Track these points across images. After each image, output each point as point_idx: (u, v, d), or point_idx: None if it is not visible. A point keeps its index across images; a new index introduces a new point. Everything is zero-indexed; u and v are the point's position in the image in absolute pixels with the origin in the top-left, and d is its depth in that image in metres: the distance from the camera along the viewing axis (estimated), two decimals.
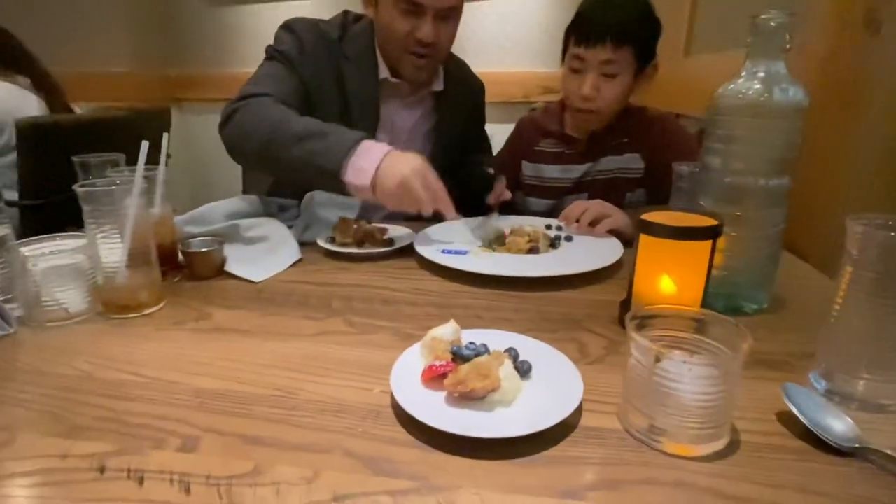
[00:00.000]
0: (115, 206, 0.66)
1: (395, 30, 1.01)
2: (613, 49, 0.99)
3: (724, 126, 0.65)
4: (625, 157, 1.12)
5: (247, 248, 0.86)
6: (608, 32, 0.98)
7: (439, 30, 1.02)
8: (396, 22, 1.01)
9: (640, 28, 1.01)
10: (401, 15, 1.00)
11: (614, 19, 0.99)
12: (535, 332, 0.59)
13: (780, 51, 0.62)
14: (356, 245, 0.89)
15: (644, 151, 1.11)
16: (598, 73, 1.02)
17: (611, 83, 1.03)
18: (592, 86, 1.02)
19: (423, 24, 1.00)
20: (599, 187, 1.14)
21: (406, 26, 1.00)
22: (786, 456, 0.43)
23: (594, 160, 1.14)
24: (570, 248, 0.88)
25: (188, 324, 0.65)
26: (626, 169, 1.12)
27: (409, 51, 1.03)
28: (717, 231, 0.58)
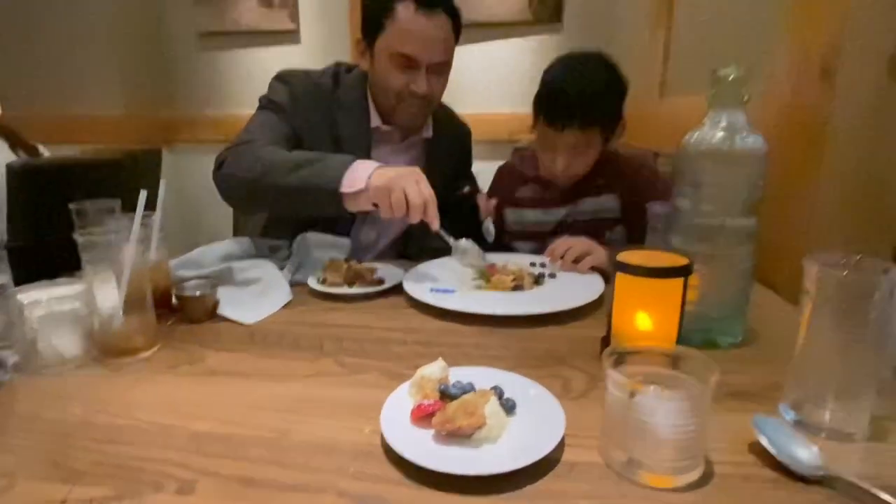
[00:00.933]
0: (113, 253, 0.69)
1: (390, 83, 1.07)
2: (580, 133, 1.04)
3: (691, 171, 0.70)
4: (602, 199, 1.16)
5: (239, 291, 0.88)
6: (575, 118, 1.02)
7: (432, 82, 1.08)
8: (392, 75, 1.06)
9: (606, 107, 1.05)
10: (396, 69, 1.05)
11: (580, 105, 1.02)
12: (520, 369, 0.61)
13: (738, 102, 0.67)
14: (347, 285, 0.91)
15: (620, 192, 1.15)
16: (568, 149, 1.07)
17: (581, 157, 1.09)
18: (562, 163, 1.08)
19: (417, 77, 1.05)
20: (580, 228, 1.16)
21: (401, 79, 1.06)
22: (757, 485, 0.45)
23: (573, 202, 1.18)
24: (553, 285, 0.92)
25: (183, 367, 0.67)
26: (604, 209, 1.17)
27: (403, 101, 1.09)
28: (688, 269, 0.62)
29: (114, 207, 0.93)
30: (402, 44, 1.03)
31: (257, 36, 3.06)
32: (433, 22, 1.03)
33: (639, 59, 2.10)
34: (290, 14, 2.93)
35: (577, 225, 1.18)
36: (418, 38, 1.03)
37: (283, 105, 1.09)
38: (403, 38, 1.03)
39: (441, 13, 1.04)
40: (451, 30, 1.07)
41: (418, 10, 1.02)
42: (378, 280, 0.93)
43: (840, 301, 0.50)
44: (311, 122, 1.10)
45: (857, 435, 0.52)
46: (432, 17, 1.02)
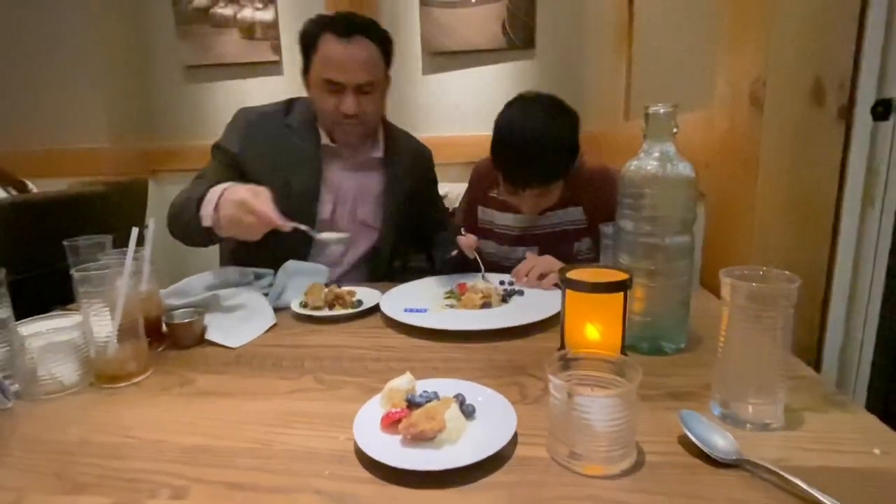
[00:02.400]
0: (107, 286, 0.74)
1: (323, 106, 1.19)
2: (540, 189, 1.13)
3: (631, 196, 0.78)
4: (568, 211, 1.23)
5: (225, 317, 0.94)
6: (529, 181, 1.10)
7: (360, 102, 1.17)
8: (323, 99, 1.18)
9: (564, 163, 1.10)
10: (326, 93, 1.17)
11: (539, 170, 1.08)
12: (483, 379, 0.68)
13: (668, 134, 0.75)
14: (327, 307, 0.98)
15: (586, 205, 1.22)
16: (533, 198, 1.16)
17: (546, 197, 1.19)
18: (529, 207, 1.20)
19: (345, 98, 1.16)
20: (549, 239, 1.25)
21: (331, 102, 1.17)
22: (681, 471, 0.52)
23: (539, 214, 1.24)
24: (519, 302, 0.99)
25: (174, 389, 0.73)
26: (571, 221, 1.24)
27: (337, 122, 1.20)
28: (627, 284, 0.69)
29: (104, 243, 0.99)
30: (325, 71, 1.15)
31: (241, 68, 3.15)
32: (352, 47, 1.14)
33: (606, 83, 2.22)
34: (273, 46, 3.03)
35: (546, 236, 1.24)
36: (338, 63, 1.14)
37: (229, 145, 1.22)
38: (326, 66, 1.15)
39: (361, 38, 1.15)
40: (375, 54, 1.18)
41: (338, 38, 1.14)
42: (357, 302, 1.00)
43: (750, 308, 0.58)
44: (261, 149, 1.21)
45: (774, 424, 0.59)
46: (351, 43, 1.14)
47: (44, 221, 1.80)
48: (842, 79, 0.89)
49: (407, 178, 1.34)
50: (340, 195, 1.27)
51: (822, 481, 0.47)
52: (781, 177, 0.94)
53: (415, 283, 1.11)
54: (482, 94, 3.14)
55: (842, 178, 0.92)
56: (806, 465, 0.52)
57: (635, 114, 1.87)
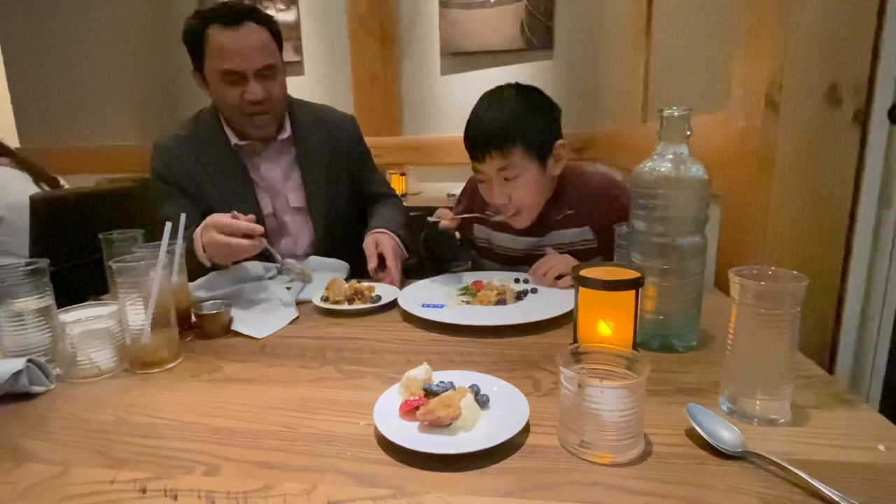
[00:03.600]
0: (142, 277, 0.79)
1: (227, 99, 1.16)
2: (502, 156, 1.04)
3: (644, 197, 0.80)
4: (574, 231, 1.14)
5: (251, 309, 0.98)
6: (490, 143, 1.03)
7: (266, 87, 1.16)
8: (226, 93, 1.15)
9: (520, 126, 1.03)
10: (227, 85, 1.14)
11: (492, 129, 1.03)
12: (497, 372, 0.71)
13: (682, 136, 0.77)
14: (347, 302, 1.01)
15: (594, 224, 1.13)
16: (500, 179, 1.07)
17: (516, 184, 1.07)
18: (499, 193, 1.08)
19: (249, 86, 1.14)
20: None
21: (235, 94, 1.15)
22: (687, 461, 0.54)
23: (540, 235, 1.17)
24: (533, 300, 1.01)
25: (203, 376, 0.77)
26: (578, 242, 1.15)
27: (246, 113, 1.17)
28: (639, 282, 0.71)
29: (136, 237, 1.04)
30: (221, 62, 1.13)
31: None
32: (243, 32, 1.12)
33: (624, 84, 2.22)
34: (294, 47, 3.09)
35: None
36: (233, 51, 1.12)
37: (158, 180, 1.23)
38: (221, 57, 1.12)
39: (249, 23, 1.13)
40: (267, 37, 1.16)
41: (225, 28, 1.12)
42: (376, 297, 1.03)
43: (758, 307, 0.59)
44: (184, 173, 1.22)
45: (781, 420, 0.61)
46: (241, 28, 1.12)
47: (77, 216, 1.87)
48: (858, 82, 0.89)
49: (323, 151, 1.30)
50: (272, 189, 1.27)
51: (825, 474, 0.49)
52: (796, 179, 0.95)
53: (432, 280, 1.14)
54: None
55: (857, 180, 0.92)
56: (810, 459, 0.53)
57: (653, 115, 1.87)
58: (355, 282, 1.06)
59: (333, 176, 1.31)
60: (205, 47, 1.14)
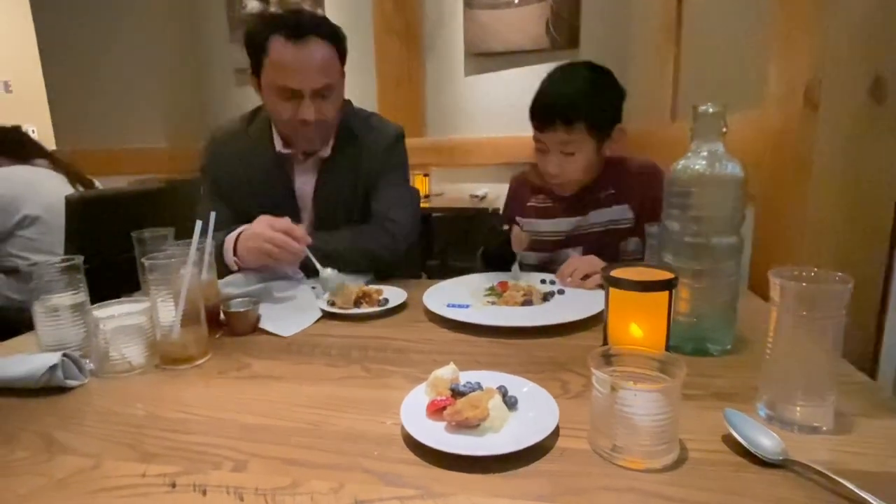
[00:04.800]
0: (172, 274, 0.80)
1: (279, 114, 1.13)
2: (566, 130, 1.08)
3: (678, 196, 0.78)
4: (614, 210, 1.20)
5: (277, 308, 0.99)
6: (557, 116, 1.08)
7: (320, 107, 1.11)
8: (279, 107, 1.12)
9: (589, 106, 1.08)
10: (281, 100, 1.11)
11: (561, 103, 1.08)
12: (524, 373, 0.69)
13: (717, 133, 0.75)
14: (353, 305, 0.99)
15: (633, 202, 1.18)
16: (558, 152, 1.12)
17: (572, 159, 1.12)
18: (554, 165, 1.13)
19: (303, 105, 1.10)
20: (593, 239, 1.22)
21: (288, 110, 1.11)
22: (724, 468, 0.52)
23: (583, 214, 1.22)
24: (560, 301, 0.99)
25: (231, 373, 0.77)
26: (617, 220, 1.20)
27: (296, 130, 1.15)
28: (672, 283, 0.69)
29: (167, 235, 1.06)
30: (279, 77, 1.08)
31: None
32: (306, 50, 1.07)
33: (652, 83, 2.19)
34: None
35: (590, 236, 1.22)
36: (293, 68, 1.07)
37: (205, 170, 1.26)
38: (279, 72, 1.08)
39: (314, 38, 1.08)
40: (330, 53, 1.11)
41: (288, 42, 1.07)
42: (383, 300, 1.00)
43: (800, 309, 0.57)
44: (226, 166, 1.23)
45: (824, 428, 0.58)
46: (304, 46, 1.07)
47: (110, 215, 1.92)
48: None
49: (345, 175, 1.24)
50: (303, 199, 1.25)
51: (872, 485, 0.46)
52: (836, 177, 0.91)
53: (456, 280, 1.13)
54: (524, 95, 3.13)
55: None
56: (856, 469, 0.51)
57: (683, 114, 1.84)
58: (363, 284, 1.05)
59: (348, 206, 1.25)
60: (264, 56, 1.09)
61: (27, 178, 2.01)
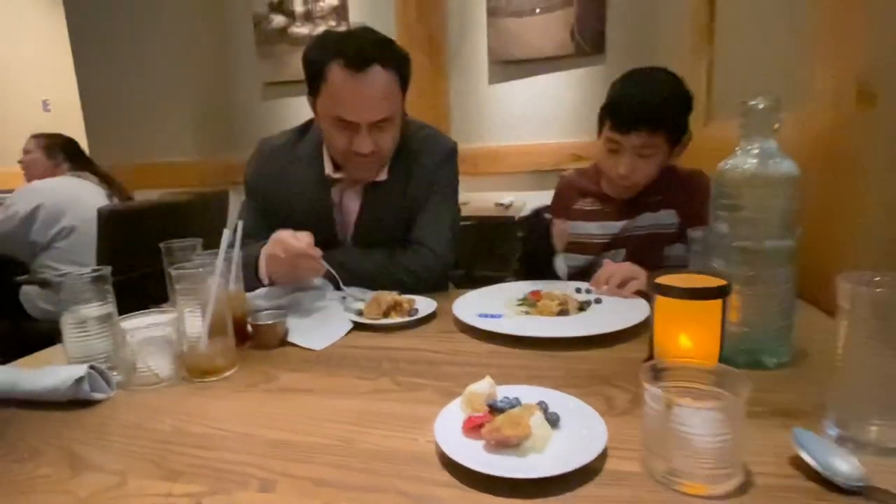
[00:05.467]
0: (199, 284, 0.78)
1: (334, 143, 1.08)
2: (648, 135, 1.07)
3: (727, 196, 0.73)
4: (660, 214, 1.17)
5: (307, 320, 0.96)
6: (641, 121, 1.06)
7: (377, 139, 1.05)
8: (334, 137, 1.06)
9: (672, 112, 1.08)
10: (337, 131, 1.05)
11: (646, 108, 1.06)
12: (564, 388, 0.65)
13: (769, 130, 0.70)
14: (383, 316, 0.96)
15: (679, 208, 1.17)
16: (634, 154, 1.10)
17: (646, 162, 1.11)
18: (627, 166, 1.11)
19: (359, 137, 1.03)
20: (636, 243, 1.19)
21: (343, 140, 1.05)
22: (796, 496, 0.47)
23: (631, 217, 1.19)
24: (598, 310, 0.94)
25: (259, 385, 0.75)
26: (661, 225, 1.17)
27: (350, 160, 1.09)
28: (726, 290, 0.64)
29: (196, 245, 1.05)
30: (336, 108, 1.02)
31: None
32: (367, 81, 0.99)
33: None
34: None
35: (634, 240, 1.20)
36: (352, 101, 1.00)
37: (250, 181, 1.23)
38: (337, 102, 1.01)
39: (376, 67, 1.00)
40: (392, 83, 1.03)
41: (349, 71, 0.99)
42: (413, 311, 0.97)
43: (875, 317, 0.52)
44: (270, 181, 1.19)
45: None
46: (365, 77, 0.99)
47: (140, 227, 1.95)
48: None
49: (394, 200, 1.19)
50: (345, 217, 1.21)
51: None
52: (892, 177, 0.85)
53: (486, 290, 1.09)
54: (550, 102, 3.11)
55: None
56: None
57: (718, 116, 1.77)
58: (396, 293, 1.03)
59: (392, 230, 1.20)
60: (322, 82, 1.02)
61: (72, 189, 2.07)
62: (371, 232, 1.20)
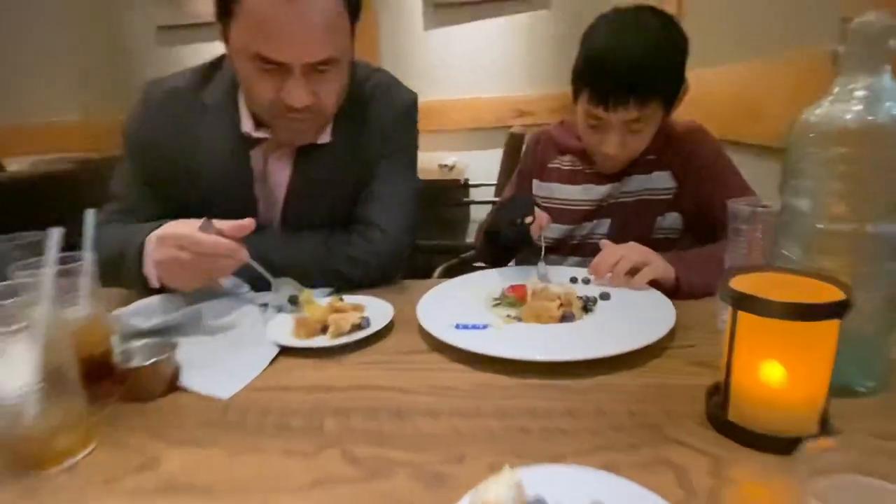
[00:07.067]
0: (19, 316, 0.48)
1: (255, 92, 0.78)
2: (638, 108, 0.85)
3: (811, 160, 0.51)
4: (653, 176, 0.98)
5: (209, 348, 0.68)
6: (630, 92, 0.83)
7: (317, 88, 0.77)
8: (256, 83, 0.77)
9: (667, 72, 0.86)
10: (259, 75, 0.75)
11: (635, 73, 0.83)
12: (607, 453, 0.44)
13: (884, 61, 0.48)
14: (321, 333, 0.69)
15: (675, 169, 0.97)
16: (623, 130, 0.89)
17: (637, 137, 0.90)
18: (615, 145, 0.89)
19: (290, 84, 0.75)
20: (624, 211, 1.00)
21: (268, 88, 0.76)
22: None
23: (618, 180, 0.99)
24: (608, 311, 0.73)
25: (127, 479, 0.47)
26: (654, 189, 0.98)
27: (279, 116, 0.79)
28: (845, 307, 0.43)
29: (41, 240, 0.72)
30: (257, 41, 0.72)
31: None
32: (299, 5, 0.71)
33: None
34: None
35: (621, 207, 1.00)
36: (280, 31, 0.71)
37: (132, 142, 0.90)
38: (258, 33, 0.72)
39: None
40: (338, 9, 0.75)
41: None
42: (364, 322, 0.70)
43: None
44: (163, 143, 0.87)
45: None
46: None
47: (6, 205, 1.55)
48: None
49: (354, 163, 0.91)
50: (269, 190, 0.92)
51: None
52: None
53: (452, 284, 0.85)
54: (492, 52, 2.83)
55: None
56: None
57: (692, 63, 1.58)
58: (336, 298, 0.76)
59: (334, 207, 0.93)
60: (235, 5, 0.72)
61: None
62: (305, 210, 0.92)
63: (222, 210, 0.76)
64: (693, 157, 0.96)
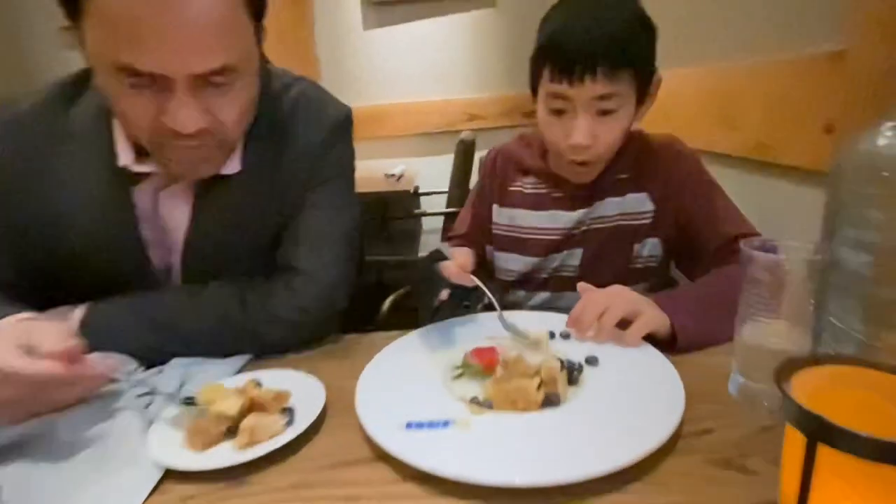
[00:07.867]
0: None
1: (130, 118, 0.59)
2: (608, 79, 0.73)
3: (866, 201, 0.38)
4: (628, 199, 0.86)
5: (63, 478, 0.48)
6: (598, 59, 0.72)
7: (213, 105, 0.60)
8: (127, 105, 0.58)
9: (637, 41, 0.75)
10: (131, 93, 0.57)
11: (603, 40, 0.72)
12: None
13: None
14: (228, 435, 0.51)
15: (652, 190, 0.86)
16: (592, 112, 0.76)
17: (609, 122, 0.77)
18: (585, 132, 0.76)
19: (174, 104, 0.57)
20: (598, 239, 0.87)
21: (145, 111, 0.58)
22: None
23: (589, 205, 0.87)
24: (599, 383, 0.57)
25: None
26: (630, 213, 0.86)
27: (163, 145, 0.61)
28: None
29: None
30: (118, 45, 0.53)
31: None
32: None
33: None
34: None
35: (594, 235, 0.87)
36: (146, 31, 0.52)
37: None
38: (115, 34, 0.53)
39: None
40: (227, 2, 0.56)
41: None
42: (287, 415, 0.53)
43: None
44: (14, 182, 0.67)
45: None
46: None
47: None
48: None
49: (279, 191, 0.74)
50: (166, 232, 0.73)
51: None
52: None
53: (403, 349, 0.68)
54: (436, 53, 2.68)
55: None
56: None
57: None
58: (252, 383, 0.59)
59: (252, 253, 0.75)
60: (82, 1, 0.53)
61: None
62: (211, 256, 0.73)
63: (102, 262, 0.60)
64: (672, 175, 0.85)
